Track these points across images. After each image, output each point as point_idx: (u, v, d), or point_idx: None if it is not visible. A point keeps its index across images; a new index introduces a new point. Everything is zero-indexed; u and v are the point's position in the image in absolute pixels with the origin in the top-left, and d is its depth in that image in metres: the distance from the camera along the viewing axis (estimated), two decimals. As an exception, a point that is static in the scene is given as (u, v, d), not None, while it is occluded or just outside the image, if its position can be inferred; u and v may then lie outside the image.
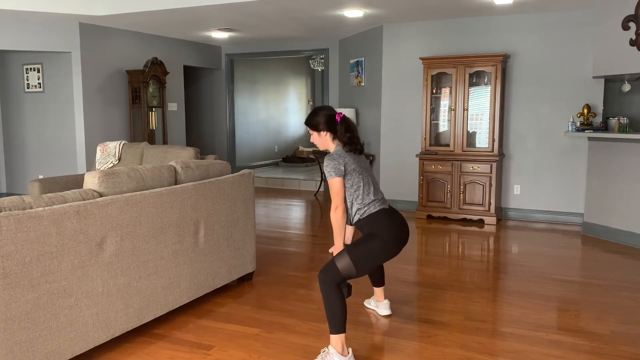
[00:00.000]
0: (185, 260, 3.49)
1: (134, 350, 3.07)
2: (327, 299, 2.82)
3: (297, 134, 12.99)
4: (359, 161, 3.03)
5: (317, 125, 3.04)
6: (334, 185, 2.92)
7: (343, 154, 2.98)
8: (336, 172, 2.92)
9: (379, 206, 3.00)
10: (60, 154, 7.42)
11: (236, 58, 9.87)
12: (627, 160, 5.43)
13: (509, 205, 6.77)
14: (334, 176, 2.92)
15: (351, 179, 2.97)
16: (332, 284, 2.82)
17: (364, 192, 2.98)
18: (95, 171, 3.08)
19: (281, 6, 5.98)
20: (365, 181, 3.00)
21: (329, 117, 3.02)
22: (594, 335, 3.27)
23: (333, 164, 2.93)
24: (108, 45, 7.34)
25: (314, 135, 3.08)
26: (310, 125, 3.07)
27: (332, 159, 2.95)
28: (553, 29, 6.34)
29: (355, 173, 2.97)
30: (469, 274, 4.50)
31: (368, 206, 2.98)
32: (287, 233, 6.10)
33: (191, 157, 4.72)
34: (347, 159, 2.96)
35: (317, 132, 3.06)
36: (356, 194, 2.98)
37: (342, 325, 2.83)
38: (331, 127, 3.02)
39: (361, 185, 2.98)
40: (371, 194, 3.00)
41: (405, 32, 7.08)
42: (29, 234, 2.50)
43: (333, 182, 2.92)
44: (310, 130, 3.09)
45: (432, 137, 6.78)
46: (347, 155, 2.98)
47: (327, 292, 2.82)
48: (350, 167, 2.95)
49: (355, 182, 2.97)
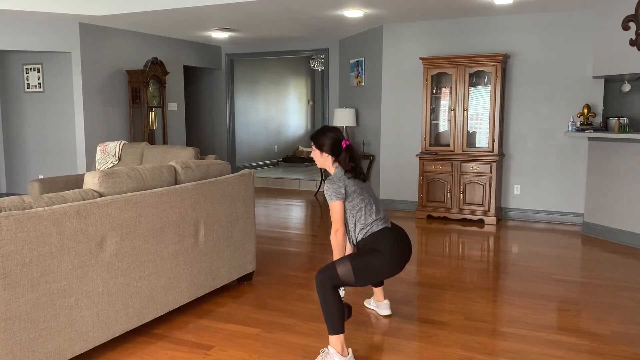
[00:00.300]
0: (185, 260, 3.49)
1: (134, 350, 3.07)
2: (324, 300, 2.83)
3: (297, 134, 12.99)
4: (359, 183, 3.07)
5: (321, 146, 3.11)
6: (335, 209, 2.97)
7: (343, 177, 3.03)
8: (337, 196, 2.97)
9: (382, 225, 3.04)
10: (60, 154, 7.42)
11: (236, 58, 9.87)
12: (627, 160, 5.43)
13: (509, 205, 6.77)
14: (334, 200, 2.97)
15: (352, 201, 3.01)
16: (329, 286, 2.82)
17: (365, 213, 3.02)
18: (95, 171, 3.08)
19: (281, 6, 5.98)
20: (367, 202, 3.04)
21: (335, 142, 3.08)
22: (594, 335, 3.27)
23: (333, 187, 2.98)
24: (108, 45, 7.34)
25: (316, 153, 3.15)
26: (315, 143, 3.14)
27: (332, 182, 3.00)
28: (553, 29, 6.34)
29: (356, 194, 3.01)
30: (469, 274, 4.51)
31: (371, 225, 3.02)
32: (287, 233, 6.10)
33: (191, 157, 4.72)
34: (347, 182, 3.01)
35: (319, 151, 3.12)
36: (358, 215, 3.02)
37: (340, 326, 2.83)
38: (334, 152, 3.08)
39: (363, 206, 3.02)
40: (373, 214, 3.04)
41: (405, 32, 7.08)
42: (29, 234, 2.50)
43: (334, 205, 2.97)
44: (314, 147, 3.15)
45: (432, 137, 6.79)
46: (347, 178, 3.02)
47: (325, 293, 2.82)
48: (350, 189, 3.00)
49: (356, 203, 3.01)
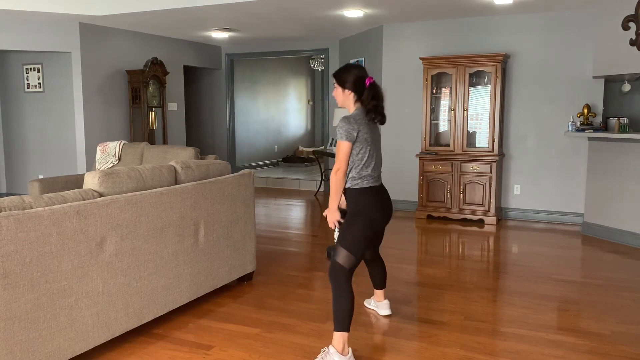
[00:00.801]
0: (185, 260, 3.49)
1: (134, 350, 3.07)
2: (337, 296, 2.85)
3: (297, 134, 13.00)
4: (373, 132, 2.98)
5: (344, 82, 2.98)
6: (342, 149, 2.88)
7: (360, 119, 2.92)
8: (347, 137, 2.87)
9: (371, 183, 2.98)
10: (60, 154, 7.42)
11: (236, 58, 9.87)
12: (627, 160, 5.43)
13: (509, 205, 6.77)
14: (344, 139, 2.87)
15: (359, 147, 2.92)
16: (343, 280, 2.85)
17: (364, 164, 2.95)
18: (95, 171, 3.08)
19: (281, 6, 5.98)
20: (370, 154, 2.96)
21: (358, 78, 2.96)
22: (594, 335, 3.27)
23: (347, 127, 2.87)
24: (108, 45, 7.34)
25: (338, 91, 3.02)
26: (338, 80, 3.01)
27: (347, 122, 2.89)
28: (553, 29, 6.34)
29: (366, 143, 2.92)
30: (469, 274, 4.51)
31: (362, 179, 2.96)
32: (287, 233, 6.10)
33: (191, 157, 4.73)
34: (361, 127, 2.90)
35: (342, 88, 3.00)
36: (357, 163, 2.94)
37: (347, 324, 2.84)
38: (358, 89, 2.96)
39: (366, 156, 2.94)
40: (370, 168, 2.97)
41: (405, 32, 7.08)
42: (29, 234, 2.50)
43: (341, 145, 2.88)
44: (336, 83, 3.02)
45: (432, 137, 6.78)
46: (363, 123, 2.92)
47: (339, 289, 2.85)
48: (362, 136, 2.90)
49: (361, 151, 2.93)
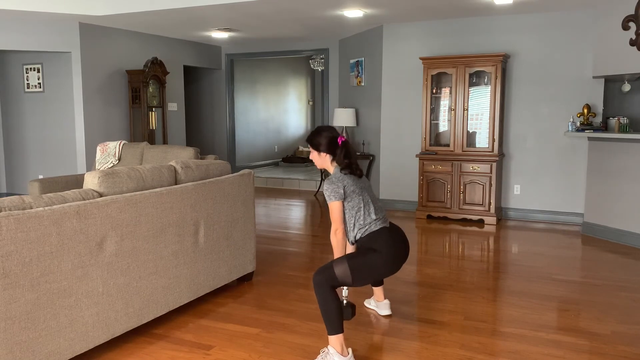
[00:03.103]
0: (185, 260, 3.49)
1: (134, 350, 3.07)
2: (323, 300, 2.83)
3: (297, 134, 12.99)
4: (358, 184, 3.06)
5: (318, 146, 3.10)
6: (334, 209, 2.97)
7: (342, 176, 3.02)
8: (335, 196, 2.96)
9: (380, 225, 3.04)
10: (60, 154, 7.42)
11: (236, 58, 9.87)
12: (627, 160, 5.43)
13: (509, 205, 6.77)
14: (333, 200, 2.96)
15: (351, 201, 3.01)
16: (327, 286, 2.83)
17: (364, 213, 3.02)
18: (95, 171, 3.08)
19: (281, 6, 5.98)
20: (365, 201, 3.03)
21: (330, 140, 3.08)
22: (594, 335, 3.27)
23: (332, 187, 2.97)
24: (108, 45, 7.34)
25: (314, 154, 3.15)
26: (312, 144, 3.14)
27: (331, 182, 2.99)
28: (553, 29, 6.34)
29: (355, 194, 3.01)
30: (469, 274, 4.51)
31: (369, 225, 3.02)
32: (287, 233, 6.10)
33: (191, 157, 4.72)
34: (346, 182, 3.00)
35: (317, 152, 3.12)
36: (357, 215, 3.02)
37: (339, 326, 2.83)
38: (331, 150, 3.08)
39: (362, 206, 3.01)
40: (372, 213, 3.03)
41: (405, 32, 7.08)
42: (29, 234, 2.50)
43: (333, 205, 2.97)
44: (311, 148, 3.15)
45: (432, 137, 6.78)
46: (346, 178, 3.02)
47: (323, 294, 2.83)
48: (349, 189, 2.99)
49: (355, 203, 3.01)
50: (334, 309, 2.82)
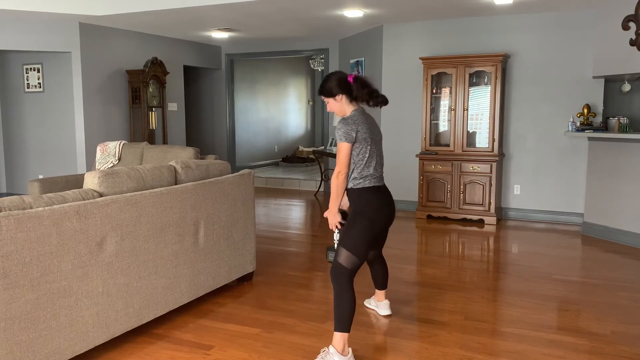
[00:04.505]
0: (185, 260, 3.49)
1: (134, 350, 3.07)
2: (339, 296, 2.84)
3: (297, 134, 12.99)
4: (373, 131, 2.97)
5: (330, 91, 2.98)
6: (342, 150, 2.88)
7: (358, 119, 2.92)
8: (347, 137, 2.87)
9: (373, 183, 2.98)
10: (60, 154, 7.42)
11: (236, 58, 9.87)
12: (627, 160, 5.43)
13: (509, 205, 6.77)
14: (343, 141, 2.87)
15: (359, 147, 2.92)
16: (344, 281, 2.84)
17: (365, 164, 2.95)
18: (95, 171, 3.08)
19: (281, 6, 5.98)
20: (371, 153, 2.95)
21: (340, 80, 2.97)
22: (594, 335, 3.27)
23: (345, 128, 2.88)
24: (108, 45, 7.34)
25: (330, 102, 3.02)
26: (324, 92, 3.01)
27: (346, 123, 2.90)
28: (553, 29, 6.34)
29: (365, 143, 2.92)
30: (469, 274, 4.50)
31: (364, 179, 2.96)
32: (287, 233, 6.09)
33: (191, 157, 4.72)
34: (360, 126, 2.90)
35: (332, 98, 2.99)
36: (359, 163, 2.94)
37: (348, 325, 2.84)
38: (345, 89, 2.96)
39: (366, 156, 2.94)
40: (371, 167, 2.97)
41: (405, 32, 7.08)
42: (29, 234, 2.50)
43: (341, 146, 2.88)
44: (325, 97, 3.02)
45: (432, 137, 6.78)
46: (362, 123, 2.92)
47: (340, 289, 2.84)
48: (361, 135, 2.90)
49: (362, 151, 2.93)
50: (347, 307, 2.82)
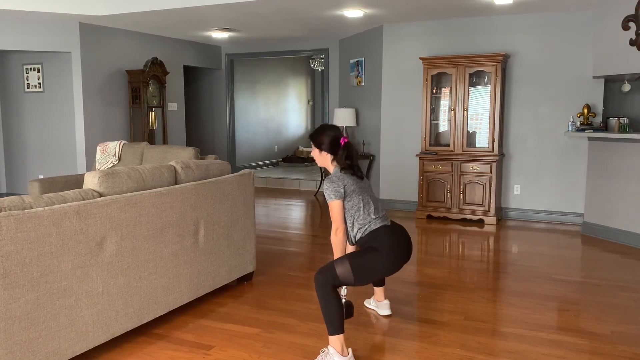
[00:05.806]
0: (185, 260, 3.49)
1: (134, 350, 3.07)
2: (324, 300, 2.82)
3: (297, 134, 12.99)
4: (358, 183, 3.06)
5: (320, 144, 3.12)
6: (334, 208, 2.98)
7: (342, 176, 3.03)
8: (336, 195, 2.96)
9: (380, 223, 3.04)
10: (60, 154, 7.42)
11: (236, 58, 9.87)
12: (627, 160, 5.43)
13: (509, 205, 6.77)
14: (333, 199, 2.97)
15: (351, 200, 3.01)
16: (329, 286, 2.82)
17: (364, 212, 3.02)
18: (95, 171, 3.08)
19: (281, 6, 5.98)
20: (365, 201, 3.04)
21: (333, 139, 3.09)
22: (594, 335, 3.27)
23: (332, 186, 2.98)
24: (108, 45, 7.34)
25: (315, 152, 3.16)
26: (314, 142, 3.15)
27: (331, 181, 3.00)
28: (553, 29, 6.34)
29: (355, 194, 3.01)
30: (469, 274, 4.51)
31: (369, 224, 3.02)
32: (287, 233, 6.10)
33: (191, 157, 4.72)
34: (346, 181, 3.01)
35: (318, 150, 3.13)
36: (357, 215, 3.02)
37: (340, 326, 2.83)
38: (333, 150, 3.09)
39: (361, 205, 3.02)
40: (371, 213, 3.03)
41: (405, 32, 7.08)
42: (29, 234, 2.50)
43: (333, 204, 2.97)
44: (313, 146, 3.16)
45: (432, 137, 6.78)
46: (346, 177, 3.02)
47: (324, 293, 2.82)
48: (349, 188, 3.00)
49: (355, 202, 3.01)
50: (335, 308, 2.81)
